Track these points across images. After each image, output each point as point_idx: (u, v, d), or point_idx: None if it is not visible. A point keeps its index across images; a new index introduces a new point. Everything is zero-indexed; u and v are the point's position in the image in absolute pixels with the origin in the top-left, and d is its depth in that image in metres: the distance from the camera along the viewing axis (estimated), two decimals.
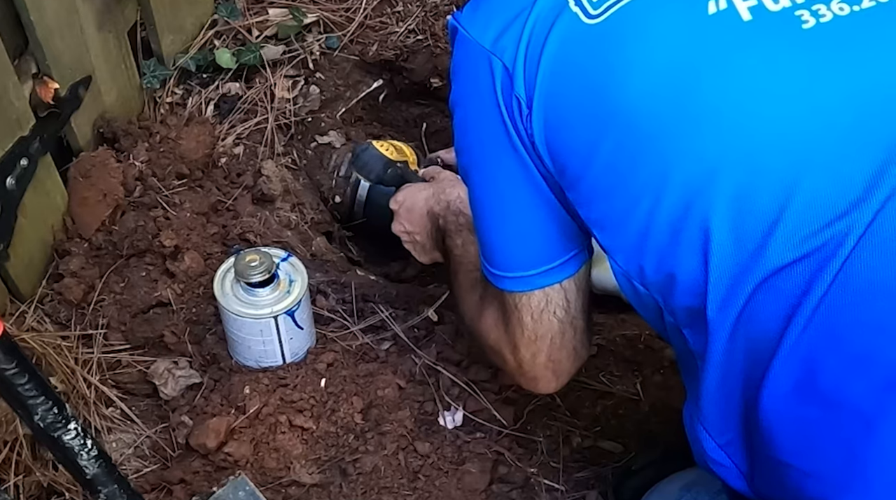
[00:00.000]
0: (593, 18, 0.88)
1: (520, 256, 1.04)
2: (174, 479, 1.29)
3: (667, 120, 0.85)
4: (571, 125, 0.91)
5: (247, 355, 1.36)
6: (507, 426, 1.35)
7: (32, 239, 1.41)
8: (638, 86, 0.86)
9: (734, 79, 0.84)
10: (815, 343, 0.81)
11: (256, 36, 1.70)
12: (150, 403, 1.39)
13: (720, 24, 0.85)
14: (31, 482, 1.27)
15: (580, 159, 0.91)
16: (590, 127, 0.89)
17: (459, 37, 0.98)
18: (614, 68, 0.87)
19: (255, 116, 1.66)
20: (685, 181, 0.85)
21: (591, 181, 0.91)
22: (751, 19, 0.85)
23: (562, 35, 0.89)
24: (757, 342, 0.84)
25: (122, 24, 1.51)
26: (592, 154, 0.90)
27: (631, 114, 0.86)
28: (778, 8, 0.85)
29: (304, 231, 1.61)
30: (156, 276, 1.44)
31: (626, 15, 0.87)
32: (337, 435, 1.33)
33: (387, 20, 1.79)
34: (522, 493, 1.31)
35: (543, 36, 0.90)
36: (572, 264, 1.03)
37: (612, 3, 0.88)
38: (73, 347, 1.38)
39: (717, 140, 0.84)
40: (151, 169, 1.52)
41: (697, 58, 0.85)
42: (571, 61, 0.89)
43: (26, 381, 0.89)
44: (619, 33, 0.87)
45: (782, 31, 0.85)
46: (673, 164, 0.85)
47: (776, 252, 0.82)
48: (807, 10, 0.85)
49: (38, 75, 1.36)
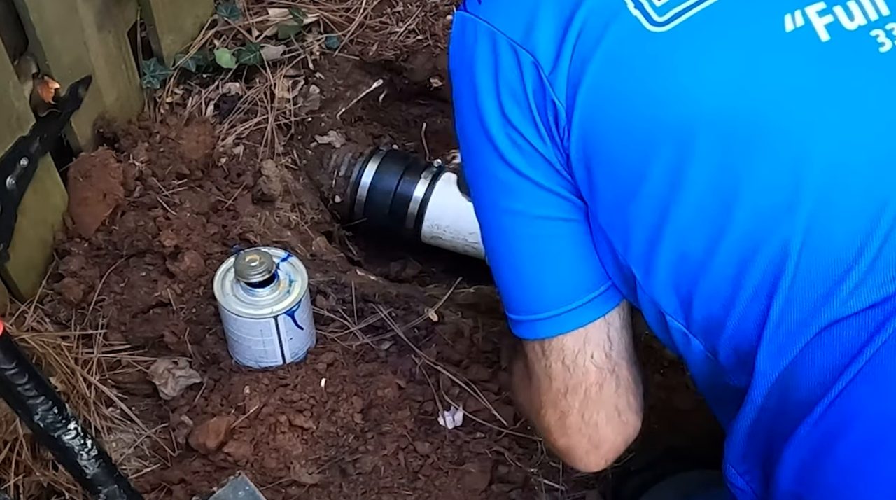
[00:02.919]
0: (658, 26, 0.81)
1: (551, 290, 0.89)
2: (174, 479, 1.29)
3: (738, 145, 0.78)
4: (621, 143, 0.82)
5: (247, 355, 1.36)
6: (507, 425, 1.35)
7: (32, 239, 1.41)
8: (708, 104, 0.79)
9: (814, 106, 0.78)
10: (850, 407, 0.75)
11: (256, 36, 1.70)
12: (150, 403, 1.39)
13: (798, 43, 0.79)
14: (31, 482, 1.27)
15: (625, 183, 0.82)
16: (644, 146, 0.81)
17: (471, 27, 0.87)
18: (682, 83, 0.80)
19: (255, 116, 1.66)
20: (755, 215, 0.77)
21: (635, 209, 0.82)
22: (829, 39, 0.79)
23: (619, 40, 0.81)
24: (797, 392, 0.78)
25: (122, 24, 1.51)
26: (642, 179, 0.81)
27: (696, 135, 0.79)
28: (854, 26, 0.80)
29: (304, 231, 1.61)
30: (156, 276, 1.44)
31: (696, 25, 0.80)
32: (337, 435, 1.33)
33: (387, 20, 1.79)
34: (522, 493, 1.31)
35: (595, 38, 0.81)
36: (615, 291, 0.89)
37: (680, 10, 0.81)
38: (73, 347, 1.38)
39: (794, 171, 0.77)
40: (151, 169, 1.52)
41: (774, 79, 0.79)
42: (629, 70, 0.81)
43: (26, 381, 0.89)
44: (689, 45, 0.80)
45: (860, 54, 0.79)
46: (742, 194, 0.78)
47: (845, 299, 0.75)
48: (882, 30, 0.80)
49: (38, 75, 1.36)
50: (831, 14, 0.80)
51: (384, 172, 1.70)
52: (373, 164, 1.71)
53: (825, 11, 0.80)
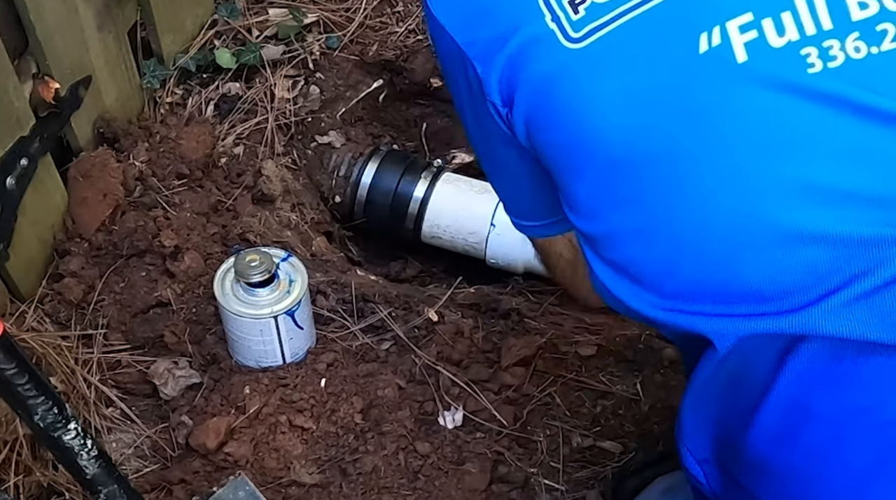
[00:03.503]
0: (573, 42, 0.80)
1: (521, 208, 1.06)
2: (174, 479, 1.29)
3: (644, 172, 0.78)
4: (553, 146, 0.85)
5: (247, 355, 1.36)
6: (507, 426, 1.35)
7: (32, 239, 1.41)
8: (605, 134, 0.79)
9: (717, 140, 0.75)
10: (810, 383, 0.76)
11: (256, 36, 1.70)
12: (150, 403, 1.39)
13: (709, 66, 0.75)
14: (31, 482, 1.27)
15: (562, 175, 0.86)
16: (570, 154, 0.84)
17: (429, 15, 0.91)
18: (586, 107, 0.80)
19: (255, 116, 1.66)
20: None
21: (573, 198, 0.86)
22: (746, 60, 0.74)
23: (541, 55, 0.81)
24: (748, 374, 0.79)
25: (122, 24, 1.51)
26: (571, 176, 0.85)
27: (610, 154, 0.80)
28: (781, 43, 0.73)
29: (304, 231, 1.61)
30: (156, 276, 1.44)
31: (608, 45, 0.78)
32: (337, 435, 1.33)
33: (387, 20, 1.79)
34: (522, 493, 1.31)
35: (519, 51, 0.83)
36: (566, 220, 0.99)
37: (595, 27, 0.79)
38: (73, 347, 1.38)
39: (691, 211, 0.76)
40: (151, 169, 1.52)
41: (681, 108, 0.76)
42: (551, 85, 0.81)
43: (26, 381, 0.89)
44: (598, 67, 0.79)
45: (782, 77, 0.73)
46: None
47: None
48: (816, 47, 0.73)
49: (38, 75, 1.36)
50: (756, 29, 0.74)
51: (384, 172, 1.70)
52: (373, 164, 1.71)
53: (750, 26, 0.74)
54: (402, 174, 1.70)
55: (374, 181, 1.70)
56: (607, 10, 0.79)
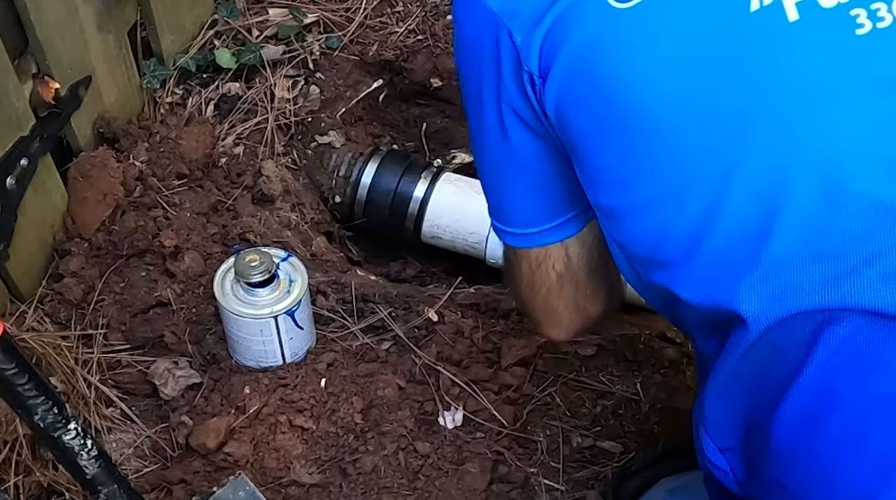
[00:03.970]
0: (622, 2, 0.80)
1: (518, 214, 0.99)
2: (174, 479, 1.29)
3: (693, 130, 0.78)
4: (588, 123, 0.84)
5: (247, 355, 1.36)
6: (507, 426, 1.35)
7: (32, 239, 1.41)
8: (661, 90, 0.79)
9: (771, 94, 0.76)
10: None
11: (256, 36, 1.70)
12: (150, 403, 1.39)
13: (761, 24, 0.76)
14: (31, 482, 1.27)
15: (593, 146, 0.85)
16: (608, 120, 0.82)
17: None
18: (640, 64, 0.79)
19: (255, 116, 1.66)
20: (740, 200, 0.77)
21: (604, 170, 0.85)
22: (797, 19, 0.75)
23: (586, 17, 0.81)
24: (779, 358, 0.78)
25: (122, 24, 1.51)
26: (605, 145, 0.83)
27: (651, 121, 0.80)
28: (831, 4, 0.75)
29: (304, 231, 1.61)
30: (156, 276, 1.44)
31: (657, 4, 0.79)
32: (337, 435, 1.33)
33: (387, 20, 1.79)
34: (522, 493, 1.31)
35: (564, 14, 0.82)
36: (574, 223, 0.97)
37: None
38: (73, 347, 1.38)
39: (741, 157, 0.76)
40: (151, 169, 1.52)
41: (729, 64, 0.77)
42: (594, 49, 0.81)
43: (26, 381, 0.89)
44: (649, 24, 0.79)
45: (830, 37, 0.75)
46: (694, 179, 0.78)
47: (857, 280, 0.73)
48: (864, 8, 0.75)
49: (38, 75, 1.36)
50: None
51: (384, 172, 1.70)
52: (373, 164, 1.71)
53: None
54: (402, 174, 1.70)
55: (374, 181, 1.70)
56: None
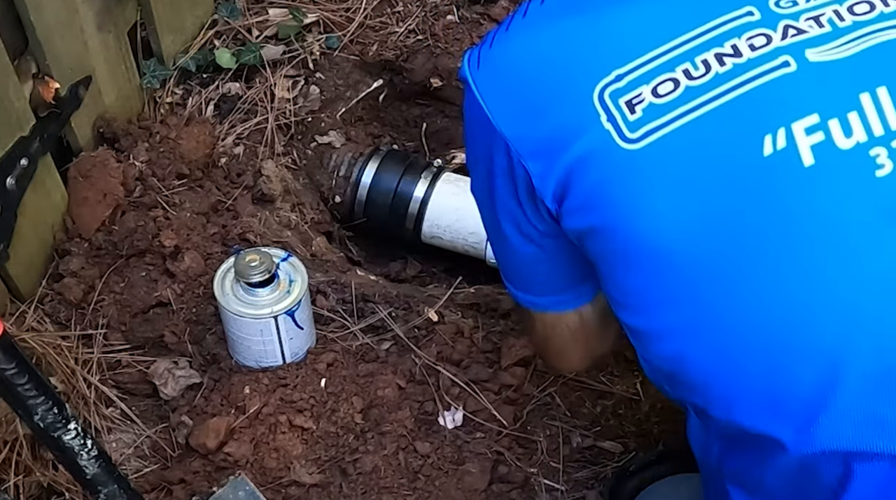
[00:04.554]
0: (630, 142, 0.77)
1: (532, 286, 1.00)
2: (174, 479, 1.29)
3: (706, 271, 0.76)
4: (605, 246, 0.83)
5: (247, 355, 1.36)
6: (507, 426, 1.35)
7: (32, 239, 1.41)
8: (668, 235, 0.77)
9: (789, 239, 0.73)
10: None
11: (256, 36, 1.70)
12: (150, 403, 1.39)
13: (774, 170, 0.73)
14: (31, 482, 1.27)
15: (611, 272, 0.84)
16: (623, 254, 0.81)
17: (472, 98, 0.87)
18: (645, 208, 0.77)
19: (255, 116, 1.66)
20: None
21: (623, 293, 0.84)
22: (813, 163, 0.72)
23: (598, 156, 0.79)
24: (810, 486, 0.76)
25: (122, 24, 1.51)
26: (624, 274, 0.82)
27: (660, 262, 0.78)
28: (849, 144, 0.71)
29: (304, 231, 1.61)
30: (156, 276, 1.44)
31: (669, 146, 0.76)
32: (337, 435, 1.33)
33: (387, 20, 1.79)
34: (522, 493, 1.31)
35: (576, 151, 0.80)
36: (589, 292, 0.98)
37: (653, 127, 0.77)
38: (73, 347, 1.38)
39: (766, 310, 0.74)
40: (151, 169, 1.52)
41: (740, 213, 0.74)
42: (608, 186, 0.79)
43: (26, 381, 0.89)
44: (658, 167, 0.77)
45: (849, 180, 0.72)
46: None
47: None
48: (885, 148, 0.71)
49: (38, 75, 1.36)
50: (823, 131, 0.72)
51: (384, 172, 1.70)
52: (373, 164, 1.71)
53: (816, 127, 0.73)
54: (402, 174, 1.70)
55: (374, 181, 1.70)
56: (665, 111, 0.77)
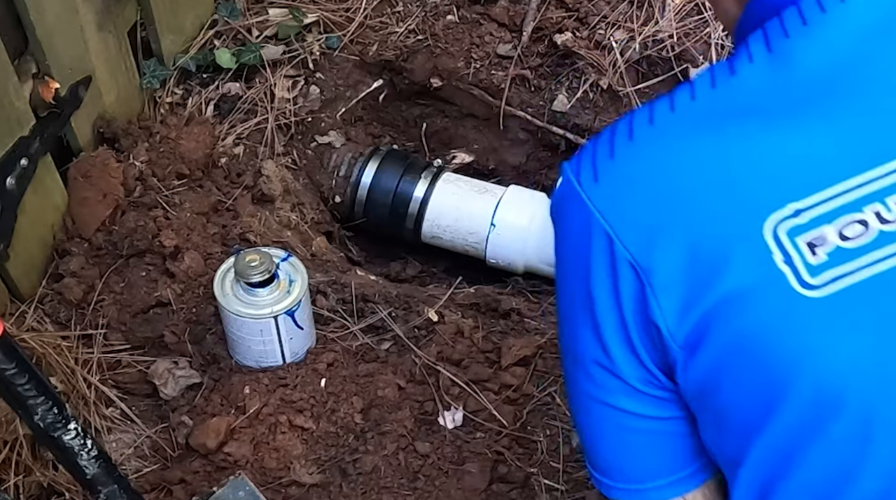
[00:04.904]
0: (811, 289, 0.71)
1: (630, 469, 0.88)
2: (174, 479, 1.29)
3: (877, 434, 0.71)
4: (738, 396, 0.75)
5: (247, 355, 1.36)
6: (507, 426, 1.35)
7: (32, 239, 1.41)
8: (861, 390, 0.71)
9: None
10: None
11: (256, 36, 1.70)
12: (150, 403, 1.39)
13: None
14: (31, 482, 1.27)
15: (735, 432, 0.77)
16: (763, 407, 0.74)
17: (582, 215, 0.77)
18: (833, 360, 0.71)
19: (255, 116, 1.66)
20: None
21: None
22: None
23: (761, 302, 0.72)
24: None
25: (122, 24, 1.51)
26: (760, 430, 0.75)
27: (839, 413, 0.72)
28: None
29: (304, 231, 1.61)
30: (156, 276, 1.44)
31: (856, 296, 0.71)
32: (337, 435, 1.33)
33: (387, 20, 1.79)
34: (522, 493, 1.31)
35: (730, 287, 0.73)
36: (700, 475, 0.86)
37: (838, 275, 0.71)
38: (73, 347, 1.38)
39: None
40: (151, 169, 1.52)
41: None
42: (770, 331, 0.72)
43: (26, 381, 0.89)
44: (845, 319, 0.71)
45: None
46: (864, 473, 0.72)
47: None
48: None
49: (38, 75, 1.36)
50: None
51: (384, 172, 1.70)
52: (373, 164, 1.71)
53: None
54: (402, 174, 1.70)
55: (374, 181, 1.70)
56: (855, 256, 0.71)
